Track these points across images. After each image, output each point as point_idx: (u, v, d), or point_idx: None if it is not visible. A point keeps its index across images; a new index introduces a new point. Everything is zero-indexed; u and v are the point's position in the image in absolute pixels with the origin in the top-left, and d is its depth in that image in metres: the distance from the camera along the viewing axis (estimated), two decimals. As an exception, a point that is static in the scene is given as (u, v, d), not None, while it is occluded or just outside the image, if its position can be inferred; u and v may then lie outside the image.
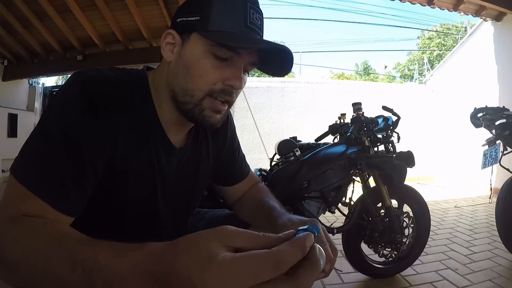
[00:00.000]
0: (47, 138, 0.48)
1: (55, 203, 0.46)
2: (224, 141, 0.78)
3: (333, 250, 0.44)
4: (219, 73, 0.55)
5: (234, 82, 0.55)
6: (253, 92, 6.31)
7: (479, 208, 3.43)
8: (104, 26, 4.53)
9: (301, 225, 0.36)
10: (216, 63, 0.54)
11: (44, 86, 6.74)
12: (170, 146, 0.63)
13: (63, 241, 0.39)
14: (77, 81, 0.52)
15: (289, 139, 1.60)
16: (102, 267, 0.33)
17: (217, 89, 0.55)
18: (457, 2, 4.39)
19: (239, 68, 0.56)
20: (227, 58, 0.54)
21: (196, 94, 0.56)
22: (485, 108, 1.96)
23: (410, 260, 1.70)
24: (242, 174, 0.81)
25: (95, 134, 0.51)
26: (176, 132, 0.65)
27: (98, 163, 0.52)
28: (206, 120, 0.57)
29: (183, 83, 0.56)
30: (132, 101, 0.57)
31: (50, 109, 0.51)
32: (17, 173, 0.47)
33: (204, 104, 0.56)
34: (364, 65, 23.74)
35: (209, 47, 0.54)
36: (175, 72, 0.57)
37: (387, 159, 1.54)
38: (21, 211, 0.44)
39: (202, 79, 0.55)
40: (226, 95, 0.57)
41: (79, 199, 0.49)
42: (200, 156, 0.71)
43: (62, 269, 0.35)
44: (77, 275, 0.34)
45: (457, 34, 14.91)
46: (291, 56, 0.57)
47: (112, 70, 0.58)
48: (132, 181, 0.58)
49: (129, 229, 0.61)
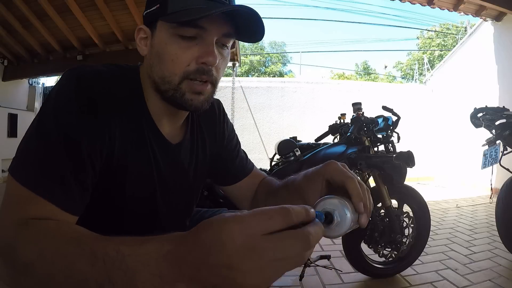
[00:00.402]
0: (45, 137, 0.48)
1: (61, 204, 0.46)
2: (222, 139, 0.77)
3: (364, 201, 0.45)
4: (190, 53, 0.54)
5: (206, 59, 0.53)
6: (253, 92, 6.31)
7: (479, 208, 3.43)
8: (104, 26, 4.54)
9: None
10: (184, 44, 0.53)
11: (44, 86, 6.75)
12: (165, 143, 0.63)
13: (82, 238, 0.39)
14: (72, 78, 0.52)
15: (289, 139, 1.60)
16: (126, 257, 0.33)
17: (191, 70, 0.54)
18: (457, 2, 4.39)
19: (210, 43, 0.54)
20: (195, 36, 0.53)
21: (173, 80, 0.55)
22: (485, 108, 1.96)
23: (410, 260, 1.70)
24: (244, 171, 0.79)
25: (93, 131, 0.51)
26: (169, 125, 0.64)
27: (97, 160, 0.52)
28: (189, 104, 0.56)
29: (159, 72, 0.56)
30: (126, 97, 0.57)
31: (46, 107, 0.51)
32: (17, 174, 0.46)
33: (183, 87, 0.55)
34: (364, 65, 23.76)
35: (172, 29, 0.53)
36: (150, 63, 0.58)
37: (387, 159, 1.54)
38: (29, 214, 0.43)
39: (174, 63, 0.54)
40: (203, 74, 0.55)
41: (82, 198, 0.49)
42: (197, 153, 0.71)
43: (82, 265, 0.35)
44: (98, 269, 0.34)
45: (457, 34, 14.91)
46: (258, 17, 0.54)
47: (105, 66, 0.58)
48: (130, 179, 0.58)
49: (129, 229, 0.61)
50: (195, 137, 0.71)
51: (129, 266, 0.33)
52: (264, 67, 22.72)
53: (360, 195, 0.44)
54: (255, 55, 22.54)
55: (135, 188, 0.59)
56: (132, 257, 0.33)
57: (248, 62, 21.39)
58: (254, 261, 0.29)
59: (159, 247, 0.33)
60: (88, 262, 0.35)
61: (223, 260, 0.29)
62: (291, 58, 25.63)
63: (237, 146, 0.82)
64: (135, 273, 0.33)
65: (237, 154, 0.80)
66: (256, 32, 0.57)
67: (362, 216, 0.44)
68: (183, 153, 0.68)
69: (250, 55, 21.78)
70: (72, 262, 0.36)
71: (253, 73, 21.84)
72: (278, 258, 0.30)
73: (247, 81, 6.59)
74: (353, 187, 0.45)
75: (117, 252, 0.34)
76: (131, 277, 0.33)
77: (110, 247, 0.35)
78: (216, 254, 0.29)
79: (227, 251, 0.29)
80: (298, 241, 0.31)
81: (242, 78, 6.81)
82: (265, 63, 23.02)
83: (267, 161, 1.85)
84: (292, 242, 0.30)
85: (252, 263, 0.29)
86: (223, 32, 0.55)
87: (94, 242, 0.37)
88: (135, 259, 0.33)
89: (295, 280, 1.57)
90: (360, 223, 0.44)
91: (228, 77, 6.28)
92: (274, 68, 22.70)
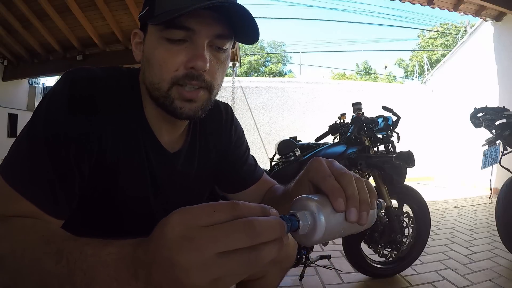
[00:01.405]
0: (34, 138, 0.48)
1: (44, 207, 0.46)
2: (228, 144, 0.74)
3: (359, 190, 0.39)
4: (178, 57, 0.50)
5: (195, 63, 0.49)
6: (253, 92, 6.31)
7: (479, 208, 3.43)
8: (104, 26, 4.53)
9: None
10: (171, 48, 0.50)
11: (44, 86, 6.74)
12: (161, 150, 0.61)
13: (52, 237, 0.39)
14: (66, 81, 0.51)
15: (289, 139, 1.60)
16: (88, 256, 0.33)
17: (180, 75, 0.51)
18: (457, 2, 4.39)
19: (200, 46, 0.50)
20: (184, 39, 0.50)
21: (162, 86, 0.52)
22: (485, 108, 1.96)
23: (410, 260, 1.70)
24: (251, 178, 0.75)
25: (81, 134, 0.50)
26: (168, 132, 0.62)
27: (84, 163, 0.51)
28: (179, 112, 0.53)
29: (149, 77, 0.54)
30: (121, 101, 0.56)
31: (39, 109, 0.50)
32: (5, 174, 0.46)
33: (172, 94, 0.52)
34: (364, 65, 23.76)
35: (160, 33, 0.50)
36: (142, 69, 0.56)
37: (387, 159, 1.54)
38: (10, 212, 0.44)
39: (162, 68, 0.51)
40: (192, 80, 0.51)
41: (68, 201, 0.49)
42: (199, 159, 0.69)
43: (47, 262, 0.35)
44: (61, 266, 0.34)
45: (457, 34, 14.91)
46: (249, 14, 0.50)
47: (104, 70, 0.56)
48: (122, 183, 0.57)
49: (129, 229, 0.61)
50: (197, 144, 0.69)
51: (89, 267, 0.33)
52: (264, 67, 22.71)
53: (335, 192, 0.37)
54: (254, 55, 22.53)
55: (128, 191, 0.59)
56: (93, 258, 0.33)
57: (247, 62, 21.37)
58: (194, 255, 0.26)
59: (120, 249, 0.32)
60: (53, 260, 0.35)
61: (164, 254, 0.27)
62: (291, 58, 25.65)
63: (246, 153, 0.78)
64: (95, 274, 0.32)
65: (245, 160, 0.77)
66: (252, 32, 0.53)
67: (348, 211, 0.37)
68: (182, 160, 0.66)
69: (249, 55, 21.76)
70: (39, 258, 0.36)
71: (253, 73, 21.84)
72: (222, 253, 0.26)
73: (247, 81, 6.59)
74: (327, 185, 0.39)
75: (80, 252, 0.34)
76: (90, 277, 0.32)
77: (76, 247, 0.35)
78: (160, 249, 0.27)
79: (167, 244, 0.27)
80: (241, 231, 0.27)
81: (242, 78, 6.81)
82: (264, 63, 23.01)
83: (267, 161, 1.85)
84: (233, 230, 0.27)
85: (192, 258, 0.26)
86: (214, 33, 0.51)
87: (62, 241, 0.37)
88: (96, 259, 0.32)
89: (295, 280, 1.57)
90: (348, 219, 0.37)
91: (228, 77, 6.28)
92: (274, 67, 22.69)
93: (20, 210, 0.44)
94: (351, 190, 0.38)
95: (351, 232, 0.39)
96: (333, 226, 0.35)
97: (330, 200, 0.37)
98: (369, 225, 0.40)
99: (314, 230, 0.34)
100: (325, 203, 0.36)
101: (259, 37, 0.54)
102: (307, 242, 0.35)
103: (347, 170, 0.42)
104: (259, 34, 0.53)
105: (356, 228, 0.39)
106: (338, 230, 0.36)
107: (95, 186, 0.54)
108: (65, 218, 0.49)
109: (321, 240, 0.35)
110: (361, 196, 0.38)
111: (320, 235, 0.34)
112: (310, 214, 0.34)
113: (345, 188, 0.38)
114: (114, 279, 0.31)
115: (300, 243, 0.36)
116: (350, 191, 0.38)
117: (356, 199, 0.38)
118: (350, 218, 0.37)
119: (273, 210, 0.30)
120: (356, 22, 30.82)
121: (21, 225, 0.42)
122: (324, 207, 0.35)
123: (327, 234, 0.35)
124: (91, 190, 0.54)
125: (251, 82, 6.56)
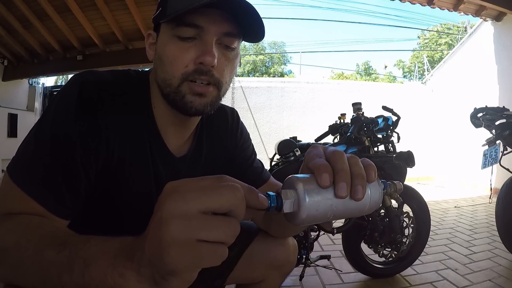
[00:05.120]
0: (41, 140, 0.49)
1: (50, 207, 0.47)
2: (234, 147, 0.74)
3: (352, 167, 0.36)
4: (188, 54, 0.53)
5: (203, 58, 0.52)
6: (253, 92, 6.31)
7: (479, 208, 3.43)
8: (104, 26, 4.54)
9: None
10: (182, 45, 0.53)
11: (44, 86, 6.75)
12: (168, 154, 0.62)
13: (58, 231, 0.41)
14: (75, 84, 0.52)
15: (289, 139, 1.60)
16: (92, 246, 0.35)
17: (190, 71, 0.53)
18: (457, 2, 4.39)
19: (209, 43, 0.53)
20: (194, 36, 0.53)
21: (173, 82, 0.54)
22: (485, 108, 1.96)
23: (410, 260, 1.70)
24: (257, 181, 0.74)
25: (88, 136, 0.51)
26: (176, 136, 0.63)
27: (91, 166, 0.52)
28: (189, 106, 0.55)
29: (161, 75, 0.56)
30: (129, 105, 0.56)
31: (48, 110, 0.51)
32: (13, 173, 0.47)
33: (183, 90, 0.54)
34: (365, 65, 23.76)
35: (171, 31, 0.53)
36: (155, 67, 0.58)
37: (387, 159, 1.54)
38: (18, 211, 0.45)
39: (173, 65, 0.54)
40: (202, 75, 0.53)
41: (73, 202, 0.50)
42: (204, 164, 0.69)
43: (49, 252, 0.37)
44: (61, 256, 0.36)
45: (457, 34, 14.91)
46: (256, 12, 0.52)
47: (112, 73, 0.58)
48: (127, 186, 0.58)
49: (129, 230, 0.61)
50: (203, 148, 0.69)
51: (90, 255, 0.34)
52: (266, 68, 22.72)
53: (321, 168, 0.35)
54: (256, 55, 22.54)
55: (132, 194, 0.59)
56: (96, 247, 0.35)
57: (251, 62, 21.39)
58: (179, 205, 0.28)
59: (123, 240, 0.34)
60: (55, 250, 0.37)
61: (155, 217, 0.29)
62: (291, 58, 25.63)
63: (252, 156, 0.78)
64: (93, 260, 0.34)
65: (251, 163, 0.77)
66: (258, 31, 0.55)
67: (337, 186, 0.34)
68: (187, 164, 0.66)
69: (251, 55, 21.77)
70: (41, 249, 0.38)
71: (255, 73, 21.86)
72: (205, 213, 0.28)
73: (247, 81, 6.59)
74: (314, 163, 0.36)
75: (85, 243, 0.36)
76: (88, 264, 0.34)
77: (81, 240, 0.37)
78: (153, 219, 0.30)
79: (159, 206, 0.29)
80: (226, 192, 0.29)
81: (242, 78, 6.80)
82: (266, 64, 23.02)
83: (267, 161, 1.85)
84: (218, 193, 0.29)
85: (177, 208, 0.28)
86: (223, 31, 0.53)
87: (68, 235, 0.40)
88: (98, 248, 0.35)
89: (295, 280, 1.57)
90: (337, 194, 0.34)
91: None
92: (277, 68, 22.71)
93: (27, 209, 0.45)
94: (340, 165, 0.35)
95: (351, 212, 0.37)
96: (319, 203, 0.34)
97: (315, 177, 0.35)
98: (374, 204, 0.38)
99: (299, 208, 0.34)
100: (311, 181, 0.35)
101: (265, 35, 0.56)
102: (296, 221, 0.35)
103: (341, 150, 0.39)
104: (264, 33, 0.56)
105: (355, 206, 0.36)
106: (328, 208, 0.35)
107: (100, 187, 0.55)
108: (70, 218, 0.49)
109: (311, 218, 0.34)
110: (354, 170, 0.36)
111: (306, 213, 0.34)
112: (295, 192, 0.34)
113: (334, 164, 0.36)
114: (110, 265, 0.33)
115: (292, 223, 0.36)
116: (339, 166, 0.35)
117: (346, 173, 0.35)
118: (339, 193, 0.34)
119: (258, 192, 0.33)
120: (356, 22, 30.89)
121: (28, 221, 0.44)
122: (309, 184, 0.34)
123: (315, 212, 0.34)
124: (96, 191, 0.55)
125: (251, 82, 6.56)
